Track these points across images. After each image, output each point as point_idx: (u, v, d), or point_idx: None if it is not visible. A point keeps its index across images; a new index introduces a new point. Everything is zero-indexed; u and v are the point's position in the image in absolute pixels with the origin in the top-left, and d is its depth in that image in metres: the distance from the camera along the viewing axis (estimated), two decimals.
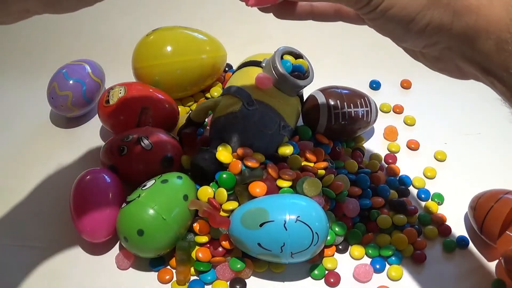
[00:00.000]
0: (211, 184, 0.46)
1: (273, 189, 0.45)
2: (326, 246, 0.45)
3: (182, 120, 0.53)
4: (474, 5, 0.29)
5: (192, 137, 0.51)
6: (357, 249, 0.46)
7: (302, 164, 0.47)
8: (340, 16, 0.37)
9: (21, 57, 0.66)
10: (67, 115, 0.56)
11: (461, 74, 0.34)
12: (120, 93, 0.51)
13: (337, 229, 0.45)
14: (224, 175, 0.44)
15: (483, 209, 0.46)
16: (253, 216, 0.41)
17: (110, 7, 0.71)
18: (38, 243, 0.46)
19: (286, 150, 0.47)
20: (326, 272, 0.45)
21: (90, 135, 0.56)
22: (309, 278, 0.45)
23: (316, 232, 0.41)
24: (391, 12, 0.29)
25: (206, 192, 0.44)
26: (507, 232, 0.45)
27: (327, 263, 0.45)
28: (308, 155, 0.48)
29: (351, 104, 0.51)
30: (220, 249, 0.44)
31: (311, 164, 0.48)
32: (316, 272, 0.44)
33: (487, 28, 0.29)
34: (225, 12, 0.72)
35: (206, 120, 0.52)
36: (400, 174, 0.53)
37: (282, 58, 0.49)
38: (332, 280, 0.44)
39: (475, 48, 0.30)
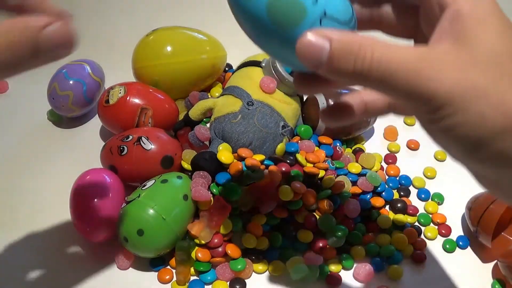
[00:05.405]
0: (211, 185, 0.46)
1: (274, 189, 0.45)
2: (326, 247, 0.45)
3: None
4: None
5: (186, 137, 0.51)
6: (357, 249, 0.46)
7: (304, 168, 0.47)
8: (393, 109, 0.33)
9: None
10: (68, 115, 0.56)
11: None
12: (120, 93, 0.51)
13: (338, 232, 0.45)
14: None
15: (479, 210, 0.46)
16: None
17: (110, 7, 0.72)
18: (38, 243, 0.46)
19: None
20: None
21: (90, 135, 0.56)
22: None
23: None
24: (456, 133, 0.24)
25: None
26: (502, 233, 0.45)
27: (328, 264, 0.45)
28: (309, 156, 0.48)
29: None
30: (220, 249, 0.44)
31: (311, 165, 0.48)
32: None
33: None
34: (225, 12, 0.71)
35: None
36: (400, 174, 0.53)
37: None
38: (332, 280, 0.44)
39: None
